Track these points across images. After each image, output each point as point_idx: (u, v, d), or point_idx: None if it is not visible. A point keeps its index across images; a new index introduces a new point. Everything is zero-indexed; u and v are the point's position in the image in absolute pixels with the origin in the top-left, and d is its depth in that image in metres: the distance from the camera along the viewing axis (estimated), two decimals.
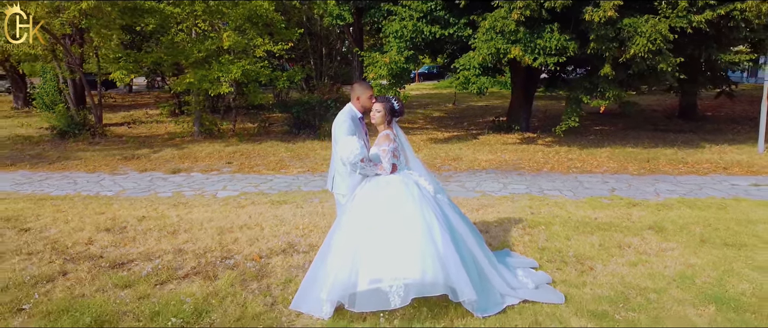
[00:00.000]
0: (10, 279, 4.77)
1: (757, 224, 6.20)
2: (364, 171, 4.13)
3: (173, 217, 6.81)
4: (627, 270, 4.81)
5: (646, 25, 9.39)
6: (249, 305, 4.20)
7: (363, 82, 4.76)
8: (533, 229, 6.06)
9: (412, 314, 3.88)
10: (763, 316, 3.91)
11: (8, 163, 11.17)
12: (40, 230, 6.33)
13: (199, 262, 5.18)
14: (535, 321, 3.86)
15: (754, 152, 11.34)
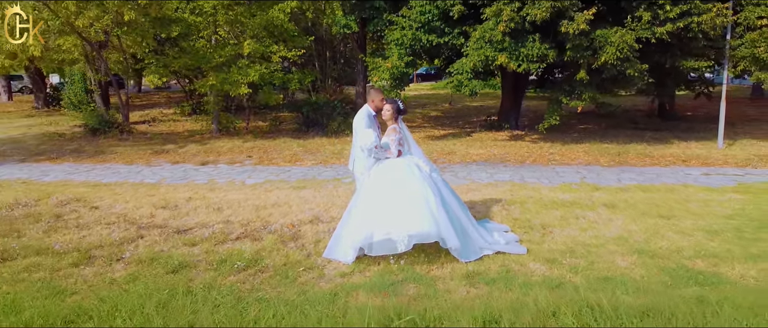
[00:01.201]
0: (103, 240, 6.18)
1: (691, 203, 7.65)
2: (377, 155, 5.55)
3: (214, 198, 8.22)
4: (578, 233, 6.24)
5: (615, 35, 10.83)
6: (290, 256, 5.61)
7: (376, 88, 6.19)
8: (510, 206, 7.49)
9: (414, 258, 5.30)
10: (669, 260, 5.33)
11: (53, 156, 12.56)
12: (107, 207, 7.74)
13: (245, 229, 6.59)
14: (503, 265, 5.28)
15: (713, 147, 12.80)
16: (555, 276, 4.96)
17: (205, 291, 4.62)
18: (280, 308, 4.17)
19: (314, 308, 4.17)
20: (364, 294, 4.57)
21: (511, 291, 4.59)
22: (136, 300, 4.36)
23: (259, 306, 4.25)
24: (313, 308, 4.17)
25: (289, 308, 4.18)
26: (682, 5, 10.69)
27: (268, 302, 4.38)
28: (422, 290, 4.64)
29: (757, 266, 5.14)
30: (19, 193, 8.61)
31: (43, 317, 4.00)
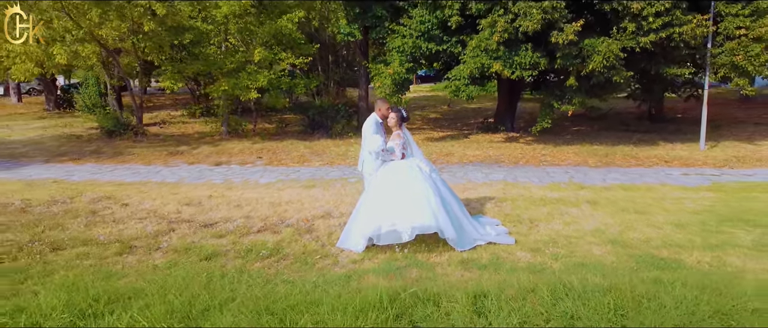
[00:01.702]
0: (139, 233, 6.97)
1: (666, 200, 8.44)
2: (383, 157, 6.34)
3: (233, 196, 9.01)
4: (561, 227, 7.04)
5: (602, 45, 11.63)
6: (307, 246, 6.40)
7: (382, 98, 6.99)
8: (502, 203, 8.28)
9: (416, 247, 6.09)
10: (638, 249, 6.12)
11: (75, 157, 13.34)
12: (137, 204, 8.52)
13: (264, 223, 7.38)
14: (493, 253, 6.06)
15: (696, 149, 13.61)
16: (538, 262, 5.75)
17: (238, 274, 5.41)
18: (304, 286, 4.96)
19: (332, 287, 4.96)
20: (373, 277, 5.35)
21: (499, 274, 5.38)
22: (180, 282, 5.14)
23: (286, 286, 5.04)
24: (332, 287, 4.96)
25: (311, 286, 4.97)
26: (664, 17, 11.48)
27: (293, 283, 5.17)
28: (423, 274, 5.43)
29: (712, 253, 5.93)
30: (53, 191, 9.39)
31: (107, 294, 4.78)
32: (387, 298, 4.38)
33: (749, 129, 17.94)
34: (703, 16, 11.98)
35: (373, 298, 4.38)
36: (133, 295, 4.87)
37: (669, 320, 4.07)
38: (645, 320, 4.11)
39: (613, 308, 4.29)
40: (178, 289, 4.92)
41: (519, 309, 4.29)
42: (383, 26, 14.70)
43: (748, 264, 5.61)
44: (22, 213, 8.02)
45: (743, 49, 12.55)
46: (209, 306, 4.46)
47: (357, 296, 4.46)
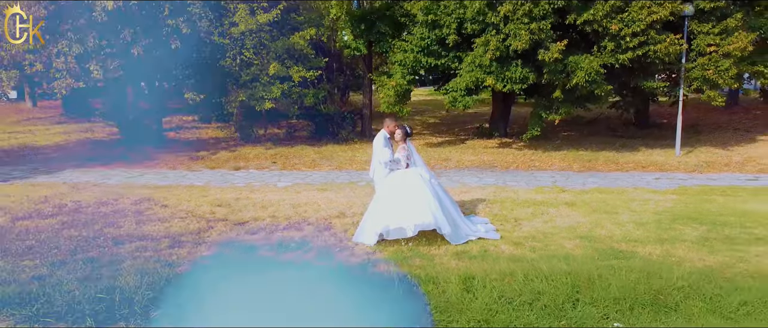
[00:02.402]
0: (184, 229, 8.23)
1: (634, 202, 9.74)
2: (391, 167, 7.62)
3: (257, 198, 10.28)
4: (541, 225, 8.32)
5: (585, 61, 12.92)
6: (328, 240, 7.68)
7: (390, 116, 8.29)
8: (492, 204, 9.57)
9: (418, 241, 7.37)
10: (602, 243, 7.40)
11: (105, 162, 14.58)
12: (175, 205, 9.79)
13: (289, 222, 8.65)
14: (482, 246, 7.34)
15: (671, 155, 14.91)
16: (518, 254, 7.03)
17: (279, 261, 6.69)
18: (328, 271, 6.24)
19: (350, 273, 6.25)
20: (383, 265, 6.63)
21: (485, 262, 6.66)
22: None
23: (315, 270, 6.32)
24: (349, 273, 6.24)
25: (335, 271, 6.26)
26: (640, 37, 12.77)
27: (319, 269, 6.45)
28: (424, 262, 6.71)
29: (662, 246, 7.22)
30: (98, 194, 10.66)
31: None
32: (398, 276, 5.66)
33: (727, 135, 19.25)
34: (676, 36, 13.27)
35: (387, 277, 5.66)
36: None
37: (611, 294, 5.37)
38: (593, 294, 5.41)
39: (570, 286, 5.59)
40: None
41: (498, 288, 5.59)
42: (386, 41, 16.01)
43: (688, 255, 6.90)
44: (77, 213, 9.29)
45: (714, 64, 13.85)
46: None
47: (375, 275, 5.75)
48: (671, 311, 5.26)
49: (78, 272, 6.47)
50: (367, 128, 18.55)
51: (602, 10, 12.41)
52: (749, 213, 8.84)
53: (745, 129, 20.80)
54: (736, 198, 10.01)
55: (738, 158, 14.49)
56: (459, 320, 5.05)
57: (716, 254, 6.91)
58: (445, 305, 5.35)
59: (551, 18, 12.54)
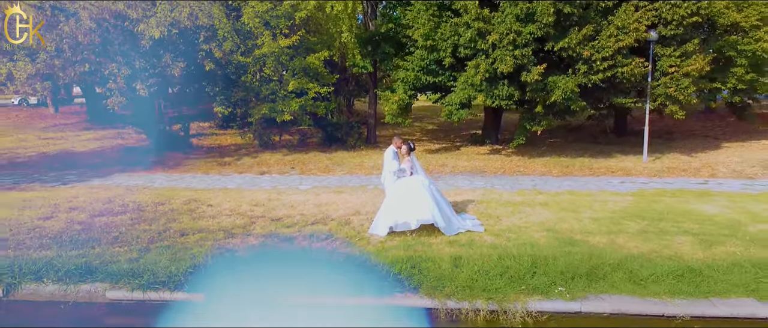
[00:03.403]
0: (232, 224, 10.32)
1: (597, 202, 11.85)
2: (398, 175, 9.74)
3: (285, 199, 12.38)
4: (517, 220, 10.44)
5: (561, 82, 15.03)
6: (348, 233, 9.78)
7: (398, 135, 10.42)
8: (480, 204, 11.68)
9: (420, 233, 9.47)
10: (563, 234, 9.51)
11: (141, 168, 16.62)
12: (218, 205, 11.88)
13: (315, 218, 10.75)
14: (470, 237, 9.45)
15: (639, 161, 17.04)
16: (496, 242, 9.15)
17: (314, 247, 8.81)
18: (351, 255, 8.36)
19: (368, 255, 8.36)
20: (393, 250, 8.74)
21: (471, 249, 8.78)
22: (281, 253, 8.52)
23: (342, 254, 8.44)
24: (368, 255, 8.36)
25: (356, 254, 8.37)
26: (609, 60, 14.89)
27: (344, 253, 8.56)
28: (425, 248, 8.82)
29: (608, 237, 9.34)
30: (152, 196, 12.74)
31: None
32: (405, 256, 7.78)
33: (696, 142, 21.36)
34: (641, 59, 15.39)
35: (395, 257, 7.78)
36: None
37: (559, 269, 7.50)
38: (546, 269, 7.54)
39: (531, 263, 7.72)
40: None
41: (478, 265, 7.73)
42: (390, 61, 18.14)
43: (626, 243, 9.02)
44: (141, 211, 11.39)
45: (675, 83, 15.99)
46: None
47: (386, 255, 7.86)
48: (600, 280, 7.40)
49: (161, 256, 8.58)
50: (372, 136, 20.67)
51: (576, 38, 14.51)
52: (686, 212, 10.96)
53: (714, 137, 22.92)
54: (681, 199, 12.12)
55: (697, 164, 16.60)
56: (449, 286, 7.18)
57: (648, 242, 9.04)
58: (439, 276, 7.48)
59: (532, 45, 14.65)
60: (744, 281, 7.38)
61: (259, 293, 7.28)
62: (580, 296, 7.17)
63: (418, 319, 6.96)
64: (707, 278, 7.46)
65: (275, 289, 7.25)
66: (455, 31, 15.15)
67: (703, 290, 7.20)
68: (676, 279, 7.42)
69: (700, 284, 7.32)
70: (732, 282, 7.38)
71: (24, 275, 7.94)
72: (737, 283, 7.36)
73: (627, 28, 14.83)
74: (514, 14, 14.41)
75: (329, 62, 20.61)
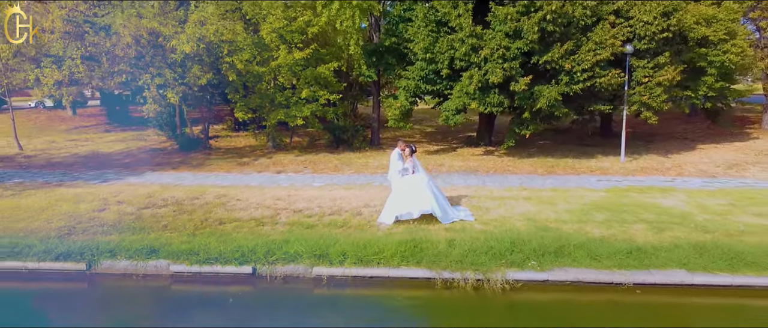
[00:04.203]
0: (261, 215, 12.16)
1: (572, 197, 13.70)
2: (402, 173, 11.60)
3: (303, 194, 14.21)
4: (503, 212, 12.29)
5: (546, 91, 16.88)
6: (360, 222, 11.62)
7: (402, 139, 12.30)
8: (472, 199, 13.53)
9: (421, 222, 11.33)
10: (539, 222, 11.36)
11: (170, 167, 18.48)
12: (246, 199, 13.71)
13: (331, 210, 12.59)
14: (462, 225, 11.29)
15: (617, 161, 18.91)
16: (484, 229, 11.00)
17: (333, 233, 10.67)
18: (363, 239, 10.21)
19: (378, 238, 10.21)
20: (399, 235, 10.59)
21: (463, 233, 10.63)
22: (305, 237, 10.38)
23: (358, 236, 10.28)
24: (378, 238, 10.21)
25: (369, 236, 10.23)
26: (588, 72, 16.74)
27: (358, 237, 10.41)
28: (424, 233, 10.66)
29: (577, 225, 11.19)
30: (185, 192, 14.56)
31: (302, 243, 10.01)
32: (409, 239, 9.65)
33: (674, 143, 23.22)
34: (618, 71, 17.24)
35: (401, 239, 9.65)
36: (283, 243, 10.12)
37: (532, 248, 9.37)
38: (522, 248, 9.41)
39: (510, 244, 9.59)
40: (309, 241, 10.19)
41: (468, 245, 9.59)
42: (393, 71, 20.00)
43: (592, 230, 10.88)
44: (179, 204, 13.22)
45: (648, 91, 17.85)
46: (326, 245, 9.73)
47: (393, 239, 9.72)
48: (565, 256, 9.27)
49: (209, 239, 10.43)
50: (376, 138, 22.51)
51: (558, 52, 16.36)
52: (647, 205, 12.83)
53: (692, 139, 24.80)
54: (647, 195, 13.98)
55: (669, 164, 18.47)
56: (445, 261, 9.05)
57: (609, 229, 10.91)
58: (436, 254, 9.35)
59: (520, 59, 16.49)
60: (680, 258, 9.25)
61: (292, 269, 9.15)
62: (548, 269, 9.03)
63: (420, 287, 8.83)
64: (651, 255, 9.33)
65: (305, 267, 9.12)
66: (451, 46, 17.00)
67: (646, 263, 9.07)
68: (625, 256, 9.28)
69: (644, 260, 9.19)
70: (670, 258, 9.25)
71: (100, 254, 9.79)
72: (674, 259, 9.23)
73: (604, 43, 16.69)
74: (503, 32, 16.28)
75: (337, 71, 22.46)
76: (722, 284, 8.66)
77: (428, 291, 8.97)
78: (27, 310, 8.82)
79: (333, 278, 9.25)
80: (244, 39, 17.63)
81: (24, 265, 9.61)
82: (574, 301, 8.71)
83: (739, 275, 8.71)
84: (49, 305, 8.98)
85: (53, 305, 9.01)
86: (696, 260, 9.14)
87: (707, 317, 8.41)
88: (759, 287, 8.61)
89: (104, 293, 9.28)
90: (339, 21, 18.23)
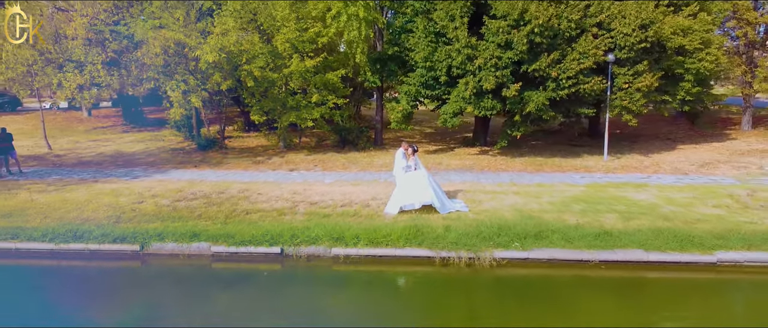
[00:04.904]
0: (282, 206, 13.90)
1: (556, 191, 15.44)
2: (406, 170, 13.35)
3: (316, 189, 15.93)
4: (494, 204, 14.03)
5: (535, 96, 18.64)
6: (369, 212, 13.36)
7: (405, 140, 14.06)
8: (467, 193, 15.27)
9: (422, 212, 13.06)
10: (525, 213, 13.09)
11: (192, 165, 20.18)
12: (266, 193, 15.43)
13: (343, 202, 14.31)
14: (458, 215, 13.03)
15: (600, 160, 20.66)
16: (477, 218, 12.74)
17: (346, 221, 12.41)
18: (373, 226, 11.95)
19: (386, 225, 11.95)
20: (403, 222, 12.33)
21: (458, 221, 12.37)
22: (323, 224, 12.12)
23: (368, 224, 12.02)
24: (385, 225, 11.95)
25: (377, 223, 11.97)
26: (572, 79, 18.49)
27: (368, 224, 12.15)
28: (425, 221, 12.40)
29: (557, 214, 12.93)
30: (211, 187, 16.28)
31: (320, 228, 11.75)
32: (412, 225, 11.41)
33: (657, 144, 24.96)
34: (600, 78, 18.99)
35: (405, 226, 11.41)
36: (304, 228, 11.86)
37: (516, 232, 11.12)
38: (508, 233, 11.16)
39: (498, 229, 11.34)
40: (324, 225, 11.93)
41: (462, 230, 11.34)
42: (395, 77, 21.77)
43: (569, 218, 12.61)
44: (208, 197, 14.94)
45: (628, 96, 19.61)
46: (342, 230, 11.48)
47: (398, 225, 11.47)
48: (544, 239, 11.02)
49: (240, 226, 12.17)
50: (379, 139, 24.25)
51: (545, 62, 18.10)
52: (621, 198, 14.57)
53: (674, 139, 26.56)
54: (622, 190, 15.72)
55: (648, 163, 20.22)
56: (442, 242, 10.81)
57: (584, 217, 12.65)
58: (435, 237, 11.11)
59: (510, 67, 18.24)
60: (639, 240, 11.00)
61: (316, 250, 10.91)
62: (529, 249, 10.78)
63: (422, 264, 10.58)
64: (615, 238, 11.08)
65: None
66: (449, 55, 18.75)
67: (610, 244, 10.82)
68: (594, 239, 11.03)
69: (609, 242, 10.94)
70: (631, 240, 11.00)
71: (149, 237, 11.53)
72: (635, 241, 10.98)
73: (587, 53, 18.45)
74: (495, 43, 18.03)
75: (343, 77, 24.21)
76: (672, 261, 10.42)
77: (428, 267, 10.73)
78: (94, 283, 10.58)
79: (348, 256, 11.00)
80: (260, 48, 19.34)
81: (86, 246, 11.36)
82: (549, 275, 10.47)
83: (687, 253, 10.47)
84: (113, 280, 10.74)
85: (116, 279, 10.77)
86: (652, 241, 10.89)
87: (659, 288, 10.16)
88: (703, 263, 10.37)
89: (157, 270, 11.03)
90: (346, 32, 19.97)
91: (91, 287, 10.43)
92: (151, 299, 9.93)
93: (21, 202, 14.62)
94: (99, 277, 10.88)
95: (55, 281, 10.74)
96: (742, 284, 10.22)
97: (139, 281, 10.70)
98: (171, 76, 18.55)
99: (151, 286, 10.44)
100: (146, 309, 9.46)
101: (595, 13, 19.04)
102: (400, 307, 9.62)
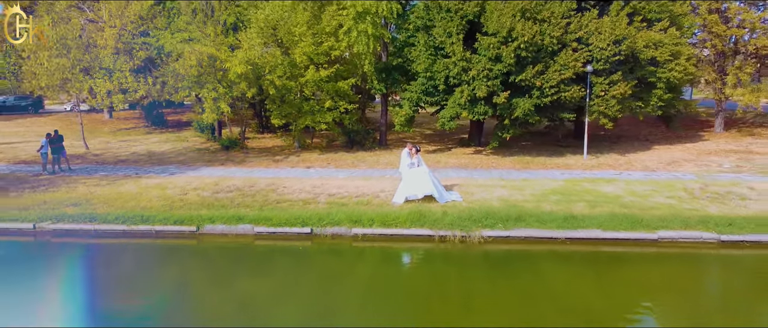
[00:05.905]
0: (305, 198, 16.52)
1: (537, 185, 18.08)
2: (410, 167, 15.99)
3: (332, 184, 18.54)
4: (485, 195, 16.67)
5: (522, 102, 21.29)
6: (379, 201, 15.99)
7: (409, 141, 16.71)
8: (462, 186, 17.89)
9: (423, 201, 15.69)
10: (511, 202, 15.75)
11: (218, 163, 22.77)
12: (290, 187, 18.04)
13: (357, 194, 16.93)
14: (453, 204, 15.66)
15: (580, 158, 23.32)
16: (469, 206, 15.36)
17: (361, 208, 15.06)
18: (383, 212, 14.59)
19: (394, 211, 14.59)
20: (408, 209, 14.96)
21: (454, 208, 15.01)
22: (342, 210, 14.76)
23: (379, 210, 14.67)
24: (394, 211, 14.60)
25: (387, 210, 14.62)
26: (555, 88, 21.14)
27: (380, 210, 14.80)
28: (426, 208, 15.02)
29: (536, 203, 15.56)
30: (241, 182, 18.87)
31: (341, 213, 14.40)
32: (416, 211, 14.07)
33: (635, 144, 27.58)
34: (579, 86, 21.65)
35: (410, 211, 14.07)
36: (325, 215, 14.51)
37: (501, 216, 13.78)
38: (494, 216, 13.83)
39: (486, 214, 14.02)
40: (344, 211, 14.58)
41: (457, 215, 14.01)
42: (399, 85, 24.47)
43: (546, 207, 15.24)
44: (241, 190, 17.56)
45: (605, 103, 22.27)
46: (359, 215, 14.14)
47: (404, 211, 14.14)
48: (522, 221, 13.68)
49: (274, 212, 14.80)
50: (384, 140, 26.90)
51: (531, 73, 20.75)
52: (591, 191, 17.20)
53: (652, 140, 29.18)
54: (595, 184, 18.35)
55: (623, 161, 22.86)
56: (440, 224, 13.47)
57: (557, 206, 15.29)
58: (434, 220, 13.77)
59: (500, 78, 20.89)
60: (599, 222, 13.67)
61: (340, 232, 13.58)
62: (510, 229, 13.43)
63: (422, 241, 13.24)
64: (580, 221, 13.73)
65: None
66: (446, 67, 21.42)
67: (575, 226, 13.47)
68: (563, 221, 13.68)
69: (575, 224, 13.59)
70: (592, 222, 13.66)
71: (203, 221, 14.16)
72: (595, 223, 13.64)
73: (568, 65, 21.10)
74: (487, 56, 20.70)
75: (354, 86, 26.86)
76: (623, 238, 13.10)
77: (429, 243, 13.38)
78: (168, 255, 13.27)
79: (365, 235, 13.67)
80: (280, 60, 21.98)
81: (152, 228, 13.99)
82: (526, 249, 13.13)
83: (635, 232, 13.14)
84: (181, 253, 13.42)
85: (183, 252, 13.44)
86: (609, 223, 13.55)
87: (612, 259, 12.81)
88: (647, 239, 13.05)
89: (213, 245, 13.68)
90: (356, 45, 22.63)
91: (168, 258, 13.16)
92: (218, 266, 12.66)
93: (82, 194, 17.23)
94: (169, 251, 13.56)
95: (139, 255, 13.43)
96: (678, 256, 12.88)
97: (202, 254, 13.38)
98: (202, 85, 21.15)
99: (209, 258, 13.09)
100: (217, 272, 12.14)
101: (575, 30, 21.71)
102: (407, 273, 12.26)
